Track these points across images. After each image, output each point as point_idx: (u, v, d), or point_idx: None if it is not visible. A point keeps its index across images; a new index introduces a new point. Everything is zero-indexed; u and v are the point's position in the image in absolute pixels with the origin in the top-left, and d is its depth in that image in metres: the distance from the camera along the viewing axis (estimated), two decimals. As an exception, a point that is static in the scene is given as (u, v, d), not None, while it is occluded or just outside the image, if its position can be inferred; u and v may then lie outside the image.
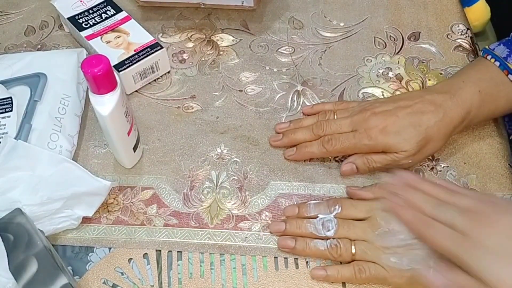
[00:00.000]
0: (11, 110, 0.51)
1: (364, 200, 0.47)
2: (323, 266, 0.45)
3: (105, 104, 0.45)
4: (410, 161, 0.48)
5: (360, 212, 0.46)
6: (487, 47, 0.53)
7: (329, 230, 0.45)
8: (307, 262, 0.46)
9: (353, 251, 0.44)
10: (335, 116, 0.52)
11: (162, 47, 0.58)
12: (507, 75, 0.50)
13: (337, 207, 0.46)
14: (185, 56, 0.63)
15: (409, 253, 0.42)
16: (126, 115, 0.47)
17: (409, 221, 0.40)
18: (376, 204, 0.46)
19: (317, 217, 0.46)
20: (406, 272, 0.42)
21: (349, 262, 0.44)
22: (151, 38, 0.59)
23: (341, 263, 0.45)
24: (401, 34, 0.64)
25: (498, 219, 0.37)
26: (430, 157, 0.52)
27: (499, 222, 0.37)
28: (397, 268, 0.42)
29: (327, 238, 0.45)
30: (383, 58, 0.61)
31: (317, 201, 0.48)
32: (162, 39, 0.65)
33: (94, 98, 0.45)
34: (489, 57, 0.51)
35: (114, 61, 0.56)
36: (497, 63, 0.50)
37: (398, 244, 0.43)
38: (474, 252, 0.36)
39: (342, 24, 0.66)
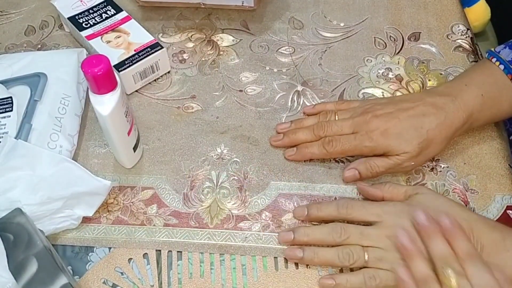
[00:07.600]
0: (11, 110, 0.51)
1: (374, 202, 0.47)
2: (331, 274, 0.44)
3: (105, 104, 0.45)
4: (412, 163, 0.48)
5: (371, 215, 0.44)
6: (492, 49, 0.52)
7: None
8: (307, 262, 0.46)
9: (366, 258, 0.42)
10: (336, 117, 0.52)
11: (162, 47, 0.58)
12: (511, 80, 0.49)
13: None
14: (185, 56, 0.63)
15: None
16: (126, 115, 0.47)
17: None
18: (387, 207, 0.45)
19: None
20: None
21: (352, 269, 0.43)
22: (151, 38, 0.59)
23: (342, 270, 0.45)
24: (401, 35, 0.64)
25: None
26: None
27: None
28: None
29: (337, 245, 0.44)
30: (383, 59, 0.61)
31: (326, 202, 0.48)
32: (162, 39, 0.65)
33: (94, 98, 0.45)
34: (494, 59, 0.51)
35: (114, 61, 0.56)
36: (502, 67, 0.50)
37: None
38: None
39: (342, 24, 0.66)
